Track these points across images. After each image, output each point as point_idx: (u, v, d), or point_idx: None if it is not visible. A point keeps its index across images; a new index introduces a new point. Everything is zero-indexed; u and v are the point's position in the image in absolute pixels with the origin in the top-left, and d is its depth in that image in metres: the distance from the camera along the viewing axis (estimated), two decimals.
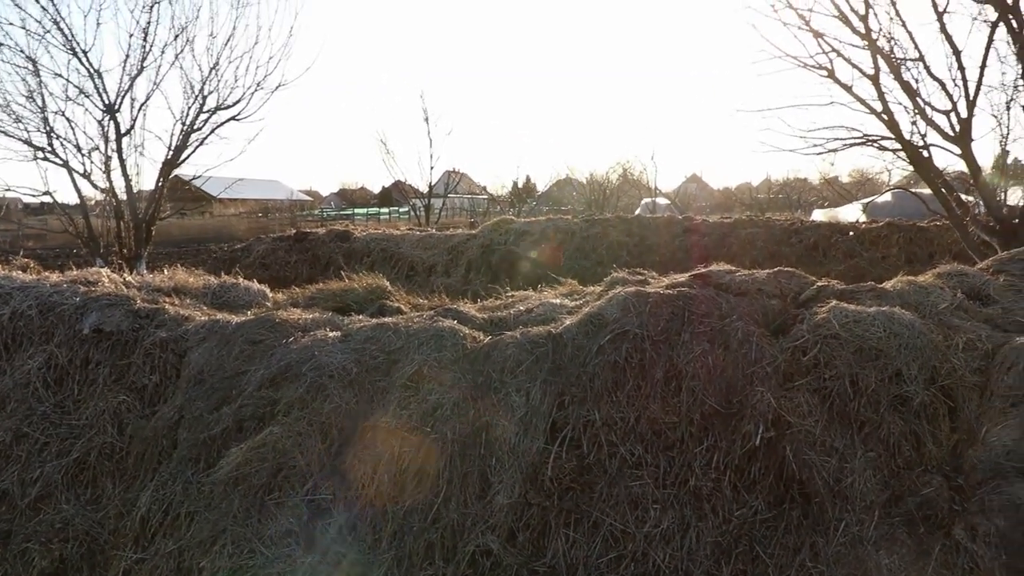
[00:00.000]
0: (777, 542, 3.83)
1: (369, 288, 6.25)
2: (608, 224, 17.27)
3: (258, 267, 18.70)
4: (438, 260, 17.42)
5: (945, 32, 10.37)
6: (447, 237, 18.55)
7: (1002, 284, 4.92)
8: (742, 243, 15.38)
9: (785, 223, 16.82)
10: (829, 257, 14.64)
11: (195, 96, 14.66)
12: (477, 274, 16.20)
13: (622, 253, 15.28)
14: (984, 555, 3.58)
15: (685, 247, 15.27)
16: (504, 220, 18.96)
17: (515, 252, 16.61)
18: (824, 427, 3.96)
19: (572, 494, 4.08)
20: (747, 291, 4.64)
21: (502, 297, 5.68)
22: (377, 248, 18.47)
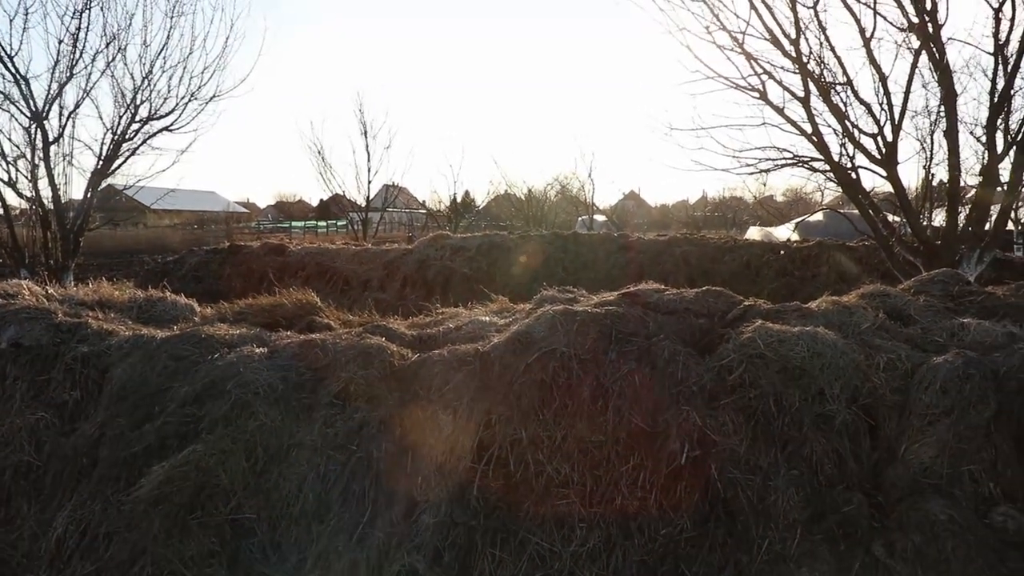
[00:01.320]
0: (702, 560, 3.84)
1: (298, 303, 6.18)
2: (544, 240, 17.33)
3: (191, 280, 18.41)
4: (373, 275, 17.31)
5: (872, 58, 10.63)
6: (383, 252, 18.45)
7: (922, 304, 5.02)
8: (676, 261, 15.52)
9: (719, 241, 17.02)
10: (761, 275, 14.84)
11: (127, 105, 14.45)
12: (412, 289, 16.13)
13: (558, 270, 15.33)
14: (902, 571, 3.64)
15: (620, 264, 15.36)
16: (440, 235, 18.92)
17: (451, 268, 16.58)
18: (749, 446, 3.99)
19: (499, 513, 4.05)
20: (675, 310, 4.67)
21: (432, 314, 5.65)
22: (312, 262, 18.30)
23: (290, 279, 15.82)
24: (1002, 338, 4.49)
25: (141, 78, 14.52)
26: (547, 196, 40.06)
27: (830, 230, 22.69)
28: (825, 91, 10.70)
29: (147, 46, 14.62)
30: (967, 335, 4.57)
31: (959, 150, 10.64)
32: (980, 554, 3.68)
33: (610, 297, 4.80)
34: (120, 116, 14.48)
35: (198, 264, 19.65)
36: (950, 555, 3.67)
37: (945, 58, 10.50)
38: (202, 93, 15.29)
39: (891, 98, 10.78)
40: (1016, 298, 5.20)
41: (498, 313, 5.27)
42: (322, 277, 17.59)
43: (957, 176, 10.67)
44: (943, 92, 10.66)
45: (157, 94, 14.74)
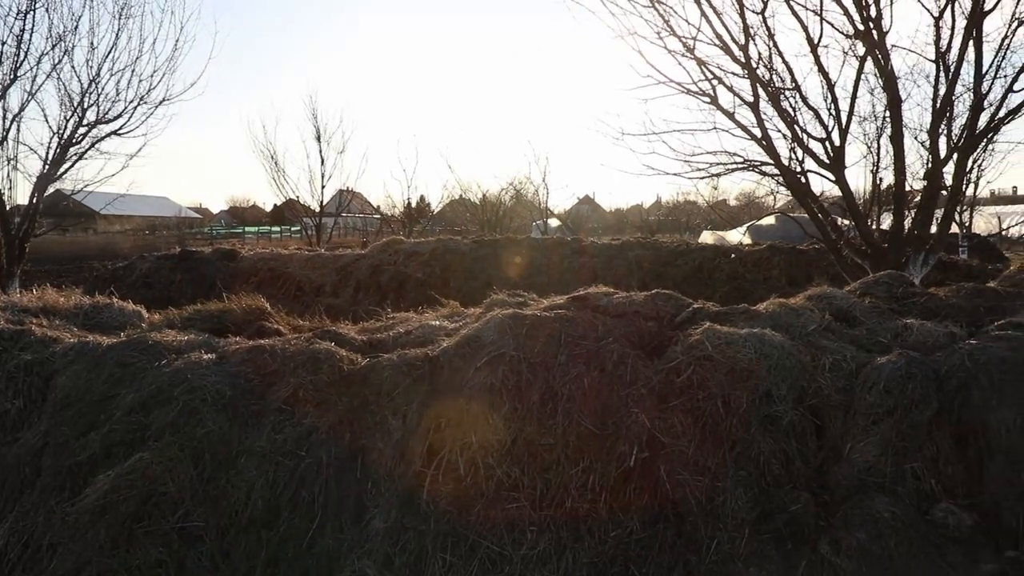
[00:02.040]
0: (652, 561, 3.87)
1: (248, 309, 6.12)
2: (498, 245, 17.34)
3: (141, 286, 18.14)
4: (327, 280, 17.18)
5: (819, 64, 10.76)
6: (336, 257, 18.33)
7: (867, 306, 5.09)
8: (629, 264, 15.60)
9: (671, 245, 17.14)
10: (714, 279, 14.98)
11: (74, 108, 14.23)
12: (366, 295, 16.04)
13: (511, 274, 15.35)
14: (847, 568, 3.69)
15: (574, 268, 15.41)
16: (394, 240, 18.85)
17: (404, 273, 16.52)
18: (697, 447, 4.03)
19: (449, 517, 4.04)
20: (624, 313, 4.69)
21: (382, 319, 5.63)
22: (265, 267, 18.13)
23: (242, 285, 15.64)
24: (944, 338, 4.57)
25: (88, 81, 14.31)
26: (502, 201, 40.05)
27: (782, 233, 22.97)
28: (774, 96, 10.81)
29: (94, 48, 14.41)
30: (910, 336, 4.65)
31: (904, 155, 10.80)
32: (922, 549, 3.75)
33: (560, 301, 4.81)
34: (67, 119, 14.27)
35: (149, 270, 19.36)
36: (893, 551, 3.73)
37: (890, 65, 10.66)
38: (152, 97, 15.11)
39: (838, 103, 10.93)
40: (957, 299, 5.30)
41: (449, 317, 5.26)
42: (275, 283, 17.43)
43: (903, 180, 10.83)
44: (888, 98, 10.82)
45: (105, 97, 14.54)
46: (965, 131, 10.52)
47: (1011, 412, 4.06)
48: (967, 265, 14.07)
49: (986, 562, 3.71)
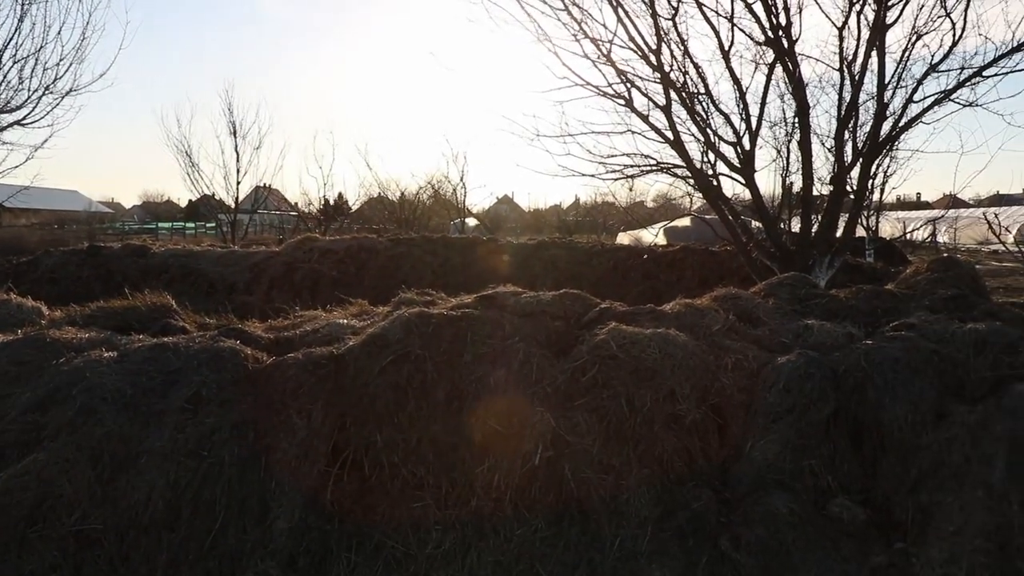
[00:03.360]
0: (556, 559, 3.89)
1: (153, 306, 5.99)
2: (413, 244, 17.28)
3: (46, 282, 17.59)
4: (239, 278, 16.91)
5: (731, 69, 10.99)
6: (249, 254, 18.04)
7: (771, 307, 5.21)
8: (545, 264, 15.69)
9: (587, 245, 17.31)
10: (628, 279, 15.14)
11: None
12: (280, 293, 15.82)
13: (427, 273, 15.31)
14: (746, 563, 3.76)
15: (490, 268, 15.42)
16: (308, 238, 18.63)
17: (318, 271, 16.35)
18: (601, 446, 4.06)
19: (353, 517, 4.01)
20: (532, 312, 4.71)
21: (290, 317, 5.56)
22: (176, 264, 17.75)
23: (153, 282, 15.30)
24: (842, 339, 4.69)
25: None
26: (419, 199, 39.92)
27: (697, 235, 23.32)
28: (687, 100, 10.99)
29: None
30: (810, 336, 4.76)
31: (812, 160, 11.08)
32: (818, 544, 3.84)
33: (467, 300, 4.81)
34: None
35: (54, 266, 18.79)
36: (791, 546, 3.82)
37: (798, 72, 10.93)
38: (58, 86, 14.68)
39: (749, 108, 11.18)
40: (856, 301, 5.45)
41: (357, 316, 5.22)
42: (186, 280, 17.09)
43: (810, 184, 11.12)
44: (797, 104, 11.09)
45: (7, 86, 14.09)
46: (869, 138, 10.83)
47: (903, 410, 4.20)
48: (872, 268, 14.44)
49: (876, 554, 3.82)
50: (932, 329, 4.72)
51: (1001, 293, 19.83)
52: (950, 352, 4.52)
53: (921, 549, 3.80)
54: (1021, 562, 3.60)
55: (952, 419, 4.18)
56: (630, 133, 11.49)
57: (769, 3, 10.66)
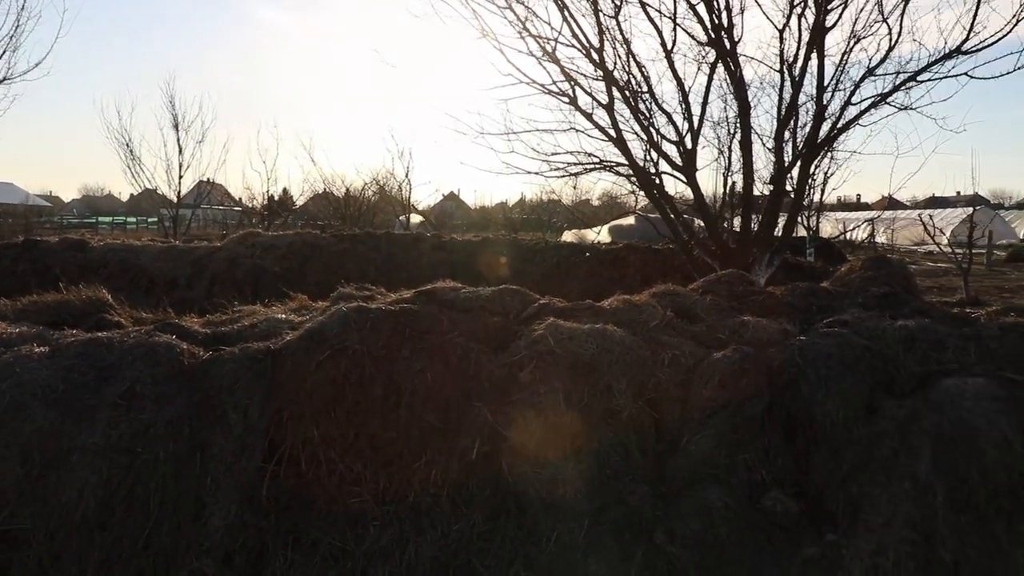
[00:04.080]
0: (493, 554, 3.90)
1: (87, 301, 5.88)
2: (357, 240, 17.17)
3: None
4: (180, 273, 16.65)
5: (673, 69, 11.08)
6: (190, 249, 17.78)
7: (708, 303, 5.27)
8: (489, 261, 15.69)
9: (531, 243, 17.32)
10: (571, 276, 15.18)
11: None
12: (221, 288, 15.60)
13: (370, 269, 15.20)
14: (681, 556, 3.81)
15: (433, 264, 15.36)
16: (251, 233, 18.41)
17: (261, 266, 16.18)
18: (539, 440, 4.08)
19: (290, 513, 3.99)
20: (471, 308, 4.72)
21: (229, 312, 5.50)
22: (115, 259, 17.40)
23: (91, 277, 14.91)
24: (777, 335, 4.76)
25: None
26: (365, 196, 39.67)
27: (642, 233, 23.48)
28: (630, 99, 11.07)
29: None
30: (746, 332, 4.82)
31: (753, 159, 11.23)
32: (751, 536, 3.90)
33: (406, 295, 4.81)
34: None
35: None
36: (725, 539, 3.87)
37: (740, 72, 11.06)
38: None
39: (691, 108, 11.29)
40: (792, 298, 5.53)
41: (296, 311, 5.18)
42: (126, 275, 16.77)
43: (751, 184, 11.27)
44: (738, 105, 11.23)
45: None
46: (808, 139, 11.00)
47: (835, 405, 4.28)
48: (811, 267, 14.66)
49: (808, 546, 3.89)
50: (864, 326, 4.81)
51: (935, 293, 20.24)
52: (881, 348, 4.60)
53: (851, 540, 3.88)
54: (944, 551, 3.69)
55: (882, 414, 4.26)
56: (574, 131, 11.56)
57: (711, 4, 10.78)
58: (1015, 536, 3.73)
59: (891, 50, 10.77)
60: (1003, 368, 4.44)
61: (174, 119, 30.41)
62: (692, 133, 11.20)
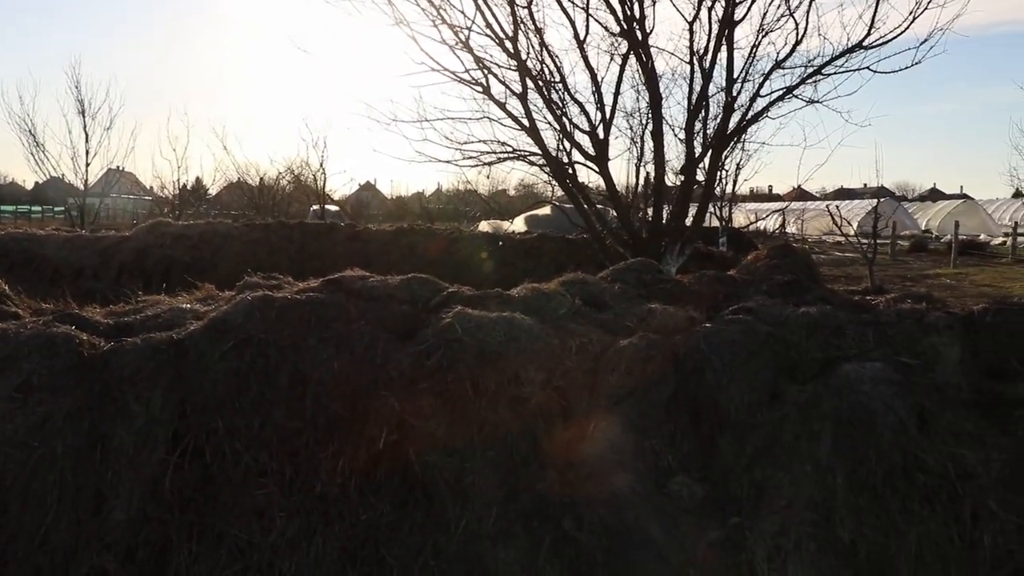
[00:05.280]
0: (401, 543, 3.89)
1: None
2: (269, 230, 16.94)
3: None
4: (87, 263, 16.18)
5: (586, 59, 11.17)
6: (97, 239, 17.28)
7: (617, 291, 5.33)
8: (403, 251, 15.62)
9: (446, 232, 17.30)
10: (486, 266, 15.20)
11: None
12: (130, 279, 15.20)
13: (283, 259, 14.99)
14: (588, 542, 3.85)
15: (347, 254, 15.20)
16: (160, 223, 17.99)
17: (171, 256, 15.83)
18: (446, 429, 4.08)
19: (195, 506, 3.92)
20: (379, 297, 4.69)
21: (133, 302, 5.37)
22: (17, 249, 16.83)
23: None
24: (684, 322, 4.83)
25: None
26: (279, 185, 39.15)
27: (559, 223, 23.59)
28: (543, 89, 11.12)
29: None
30: (654, 320, 4.88)
31: (664, 150, 11.38)
32: (658, 521, 3.96)
33: (313, 284, 4.75)
34: None
35: None
36: (632, 524, 3.92)
37: (652, 63, 11.19)
38: None
39: (603, 98, 11.39)
40: (699, 286, 5.63)
41: (202, 301, 5.08)
42: (28, 265, 16.24)
43: (662, 174, 11.42)
44: (650, 96, 11.37)
45: None
46: (718, 130, 11.19)
47: (739, 390, 4.36)
48: (722, 256, 14.92)
49: (713, 529, 3.97)
50: (768, 313, 4.91)
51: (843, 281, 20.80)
52: (784, 335, 4.71)
53: (755, 523, 3.96)
54: (842, 531, 3.80)
55: (785, 399, 4.36)
56: (487, 120, 11.59)
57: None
58: (908, 515, 3.86)
59: (798, 44, 11.05)
60: (900, 353, 4.58)
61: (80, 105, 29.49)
62: (605, 123, 11.30)
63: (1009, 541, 3.81)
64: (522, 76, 10.99)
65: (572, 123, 11.43)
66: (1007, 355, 4.64)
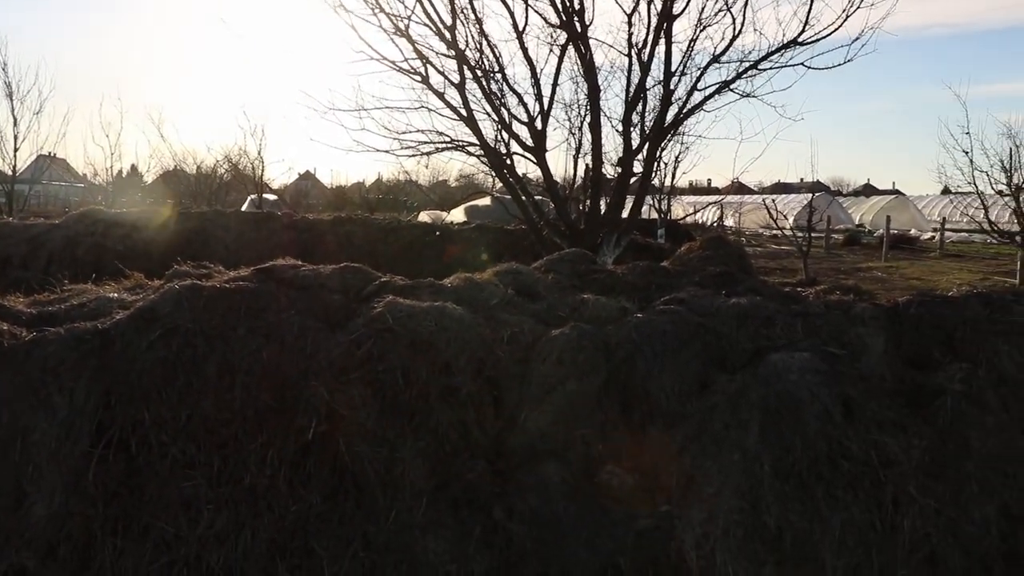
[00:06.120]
0: (331, 534, 3.87)
1: None
2: (205, 218, 16.69)
3: None
4: (15, 252, 15.78)
5: (524, 50, 11.18)
6: (25, 227, 16.86)
7: (550, 282, 5.34)
8: (340, 240, 15.50)
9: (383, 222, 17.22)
10: (424, 256, 15.13)
11: None
12: (60, 268, 14.85)
13: (219, 248, 14.79)
14: (519, 532, 3.87)
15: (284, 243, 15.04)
16: (92, 210, 17.62)
17: (103, 245, 15.51)
18: (376, 419, 4.06)
19: (119, 500, 3.84)
20: (310, 286, 4.65)
21: (57, 291, 5.25)
22: None
23: None
24: (616, 312, 4.86)
25: None
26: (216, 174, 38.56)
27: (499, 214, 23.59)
28: (481, 79, 11.10)
29: None
30: (586, 310, 4.91)
31: (602, 142, 11.44)
32: (588, 509, 4.00)
33: (244, 273, 4.69)
34: None
35: None
36: (562, 513, 3.95)
37: (590, 55, 11.24)
38: None
39: (542, 89, 11.41)
40: (632, 276, 5.66)
41: (130, 290, 4.99)
42: None
43: (600, 165, 11.47)
44: (588, 87, 11.42)
45: None
46: (655, 123, 11.28)
47: (669, 380, 4.41)
48: (659, 247, 15.06)
49: (643, 518, 4.01)
50: (699, 303, 4.96)
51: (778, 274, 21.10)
52: (715, 325, 4.76)
53: (684, 511, 4.01)
54: (769, 517, 3.87)
55: (714, 388, 4.42)
56: (426, 110, 11.52)
57: None
58: (832, 501, 3.93)
59: (735, 39, 11.18)
60: (827, 343, 4.67)
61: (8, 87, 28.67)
62: (543, 114, 11.33)
63: (927, 525, 3.91)
64: (460, 66, 10.97)
65: (511, 114, 11.45)
66: (929, 345, 4.75)
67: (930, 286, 18.02)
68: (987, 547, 3.95)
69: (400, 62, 11.20)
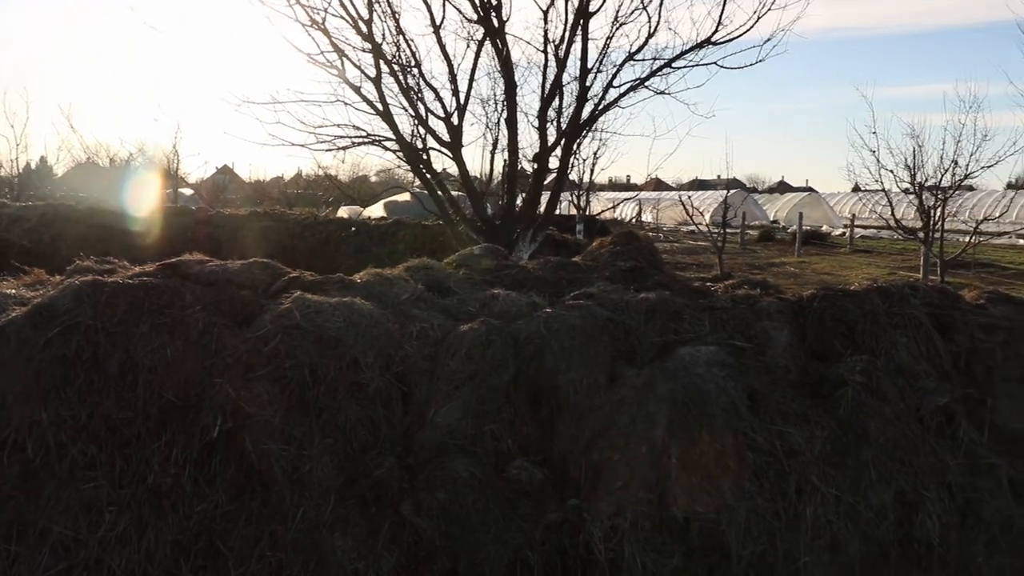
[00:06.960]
0: (238, 534, 3.82)
1: None
2: (116, 213, 16.37)
3: None
4: None
5: (441, 44, 11.16)
6: None
7: (462, 277, 5.36)
8: (256, 236, 15.34)
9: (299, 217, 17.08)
10: (340, 252, 15.05)
11: None
12: None
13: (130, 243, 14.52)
14: (427, 527, 3.87)
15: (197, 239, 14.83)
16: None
17: (6, 240, 15.11)
18: (283, 416, 4.02)
19: (14, 503, 3.73)
20: (216, 281, 4.58)
21: None
22: None
23: None
24: (526, 307, 4.89)
25: None
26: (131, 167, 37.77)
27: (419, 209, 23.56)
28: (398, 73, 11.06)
29: None
30: (496, 305, 4.93)
31: (518, 138, 11.48)
32: (497, 504, 4.02)
33: (149, 268, 4.60)
34: None
35: None
36: (471, 508, 3.96)
37: (507, 50, 11.26)
38: None
39: (459, 85, 11.41)
40: (544, 272, 5.71)
41: (29, 286, 4.84)
42: None
43: (516, 161, 11.52)
44: (505, 83, 11.44)
45: None
46: (571, 119, 11.36)
47: (578, 374, 4.46)
48: (577, 243, 15.17)
49: (552, 512, 4.04)
50: (609, 298, 5.02)
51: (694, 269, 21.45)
52: (624, 319, 4.82)
53: (592, 504, 4.06)
54: (676, 508, 3.94)
55: (623, 382, 4.48)
56: (342, 104, 11.42)
57: None
58: (739, 492, 4.02)
59: (650, 37, 11.33)
60: (733, 337, 4.77)
61: None
62: (459, 110, 11.33)
63: (828, 513, 4.02)
64: (376, 60, 10.89)
65: (427, 109, 11.42)
66: (832, 338, 4.89)
67: (839, 281, 18.49)
68: (884, 532, 4.08)
69: (316, 55, 11.10)
